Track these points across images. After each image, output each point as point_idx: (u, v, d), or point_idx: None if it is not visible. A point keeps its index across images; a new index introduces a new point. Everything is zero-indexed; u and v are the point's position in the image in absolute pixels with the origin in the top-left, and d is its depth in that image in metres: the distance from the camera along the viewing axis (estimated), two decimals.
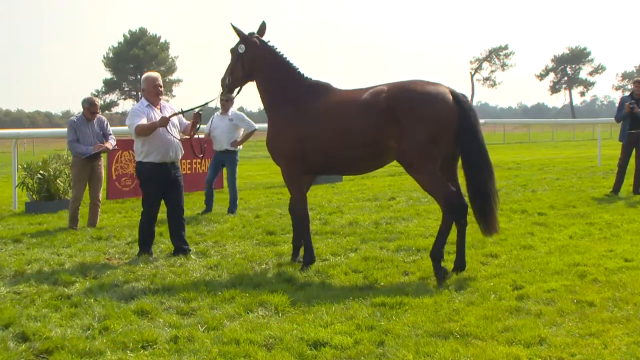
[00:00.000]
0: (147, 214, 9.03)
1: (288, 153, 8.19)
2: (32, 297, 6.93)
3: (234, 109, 12.89)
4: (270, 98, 8.50)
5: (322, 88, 8.29)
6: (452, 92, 7.64)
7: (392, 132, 7.57)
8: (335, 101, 8.04)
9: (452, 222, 7.61)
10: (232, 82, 8.73)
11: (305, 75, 8.44)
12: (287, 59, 8.50)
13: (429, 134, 7.43)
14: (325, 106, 8.03)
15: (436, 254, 7.50)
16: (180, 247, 9.02)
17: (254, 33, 8.60)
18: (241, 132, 12.92)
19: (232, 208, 12.81)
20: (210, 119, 13.13)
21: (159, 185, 8.99)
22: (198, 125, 9.22)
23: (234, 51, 8.66)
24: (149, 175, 8.92)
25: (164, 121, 8.78)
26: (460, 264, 7.80)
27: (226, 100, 12.02)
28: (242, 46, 8.53)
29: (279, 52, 8.52)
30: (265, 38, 8.59)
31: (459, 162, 7.83)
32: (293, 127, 8.11)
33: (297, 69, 8.47)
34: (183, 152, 9.25)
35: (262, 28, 8.64)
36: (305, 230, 8.30)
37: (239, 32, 8.57)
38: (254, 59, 8.52)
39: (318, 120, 8.00)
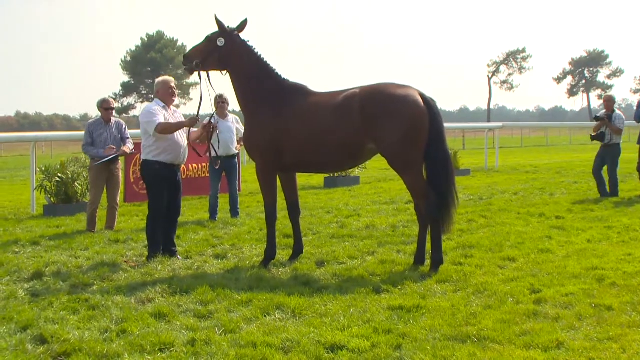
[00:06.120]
0: (156, 216, 9.00)
1: (263, 152, 8.44)
2: (50, 299, 6.97)
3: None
4: (247, 97, 8.66)
5: (298, 90, 8.52)
6: (422, 95, 7.95)
7: (367, 135, 7.90)
8: (311, 103, 8.30)
9: (434, 222, 7.97)
10: (202, 66, 8.69)
11: (282, 77, 8.62)
12: (265, 59, 8.65)
13: (406, 135, 7.76)
14: (301, 108, 8.30)
15: (438, 259, 7.96)
16: (169, 249, 9.06)
17: (234, 29, 8.69)
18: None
19: (235, 212, 12.77)
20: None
21: (166, 186, 9.02)
22: (216, 134, 9.76)
23: (211, 40, 8.67)
24: (158, 175, 8.93)
25: (194, 121, 8.97)
26: (420, 258, 8.19)
27: (222, 102, 12.01)
28: (222, 40, 8.59)
29: (257, 52, 8.67)
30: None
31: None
32: (269, 127, 8.35)
33: (275, 69, 8.64)
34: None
35: (243, 24, 8.70)
36: (270, 226, 8.61)
37: (220, 25, 8.66)
38: (231, 54, 8.60)
39: (294, 122, 8.26)
